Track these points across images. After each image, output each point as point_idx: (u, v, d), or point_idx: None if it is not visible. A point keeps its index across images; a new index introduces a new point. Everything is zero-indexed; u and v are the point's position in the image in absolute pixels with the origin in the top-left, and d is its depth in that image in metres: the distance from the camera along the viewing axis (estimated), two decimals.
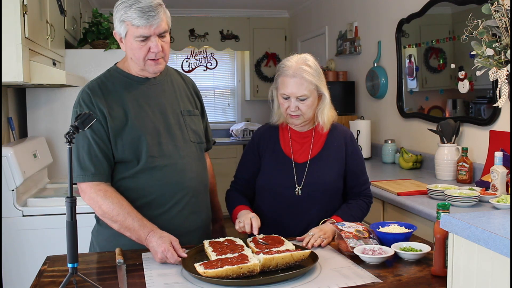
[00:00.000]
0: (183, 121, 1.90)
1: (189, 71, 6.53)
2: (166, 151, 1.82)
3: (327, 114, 1.98)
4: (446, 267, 1.45)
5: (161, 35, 1.76)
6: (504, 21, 2.17)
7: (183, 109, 1.92)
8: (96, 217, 1.90)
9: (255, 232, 1.77)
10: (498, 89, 2.32)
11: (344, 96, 4.50)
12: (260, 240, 1.71)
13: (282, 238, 1.75)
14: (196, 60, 6.61)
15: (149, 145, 1.78)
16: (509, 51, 2.15)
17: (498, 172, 2.37)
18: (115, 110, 1.78)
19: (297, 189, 1.96)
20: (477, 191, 2.38)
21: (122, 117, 1.78)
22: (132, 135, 1.77)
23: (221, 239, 1.73)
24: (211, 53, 6.64)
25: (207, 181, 2.01)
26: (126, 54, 1.83)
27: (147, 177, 1.79)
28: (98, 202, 1.72)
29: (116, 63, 1.91)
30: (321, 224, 1.91)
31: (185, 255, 1.62)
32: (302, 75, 1.88)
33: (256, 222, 1.80)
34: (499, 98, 2.29)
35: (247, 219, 1.81)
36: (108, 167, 1.77)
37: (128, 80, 1.85)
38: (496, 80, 2.28)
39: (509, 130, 2.63)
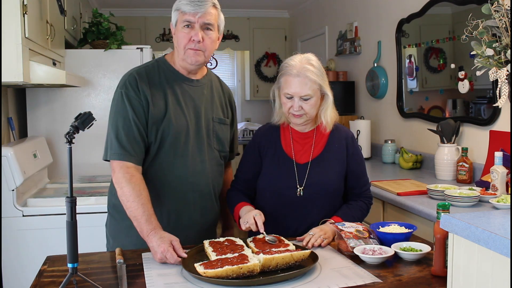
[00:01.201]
0: (212, 127, 1.95)
1: None
2: (191, 151, 1.87)
3: (330, 114, 1.98)
4: (446, 267, 1.45)
5: (205, 27, 1.81)
6: (504, 21, 2.17)
7: (215, 116, 1.97)
8: (108, 209, 1.97)
9: (261, 230, 1.77)
10: (498, 89, 2.32)
11: (344, 96, 4.50)
12: (268, 238, 1.71)
13: (282, 238, 1.75)
14: None
15: (177, 142, 1.84)
16: (509, 51, 2.15)
17: (498, 172, 2.37)
18: (157, 99, 1.84)
19: (298, 189, 1.96)
20: (477, 191, 2.38)
21: (162, 107, 1.84)
22: (166, 127, 1.83)
23: (221, 239, 1.73)
24: None
25: (220, 188, 2.06)
26: (174, 46, 1.90)
27: (166, 171, 1.85)
28: (122, 183, 1.76)
29: (164, 55, 1.97)
30: (321, 224, 1.91)
31: (185, 255, 1.62)
32: (306, 75, 1.88)
33: (260, 220, 1.79)
34: (499, 98, 2.29)
35: (251, 219, 1.81)
36: (143, 150, 1.83)
37: (173, 75, 1.91)
38: (496, 80, 2.27)
39: (509, 130, 2.63)
